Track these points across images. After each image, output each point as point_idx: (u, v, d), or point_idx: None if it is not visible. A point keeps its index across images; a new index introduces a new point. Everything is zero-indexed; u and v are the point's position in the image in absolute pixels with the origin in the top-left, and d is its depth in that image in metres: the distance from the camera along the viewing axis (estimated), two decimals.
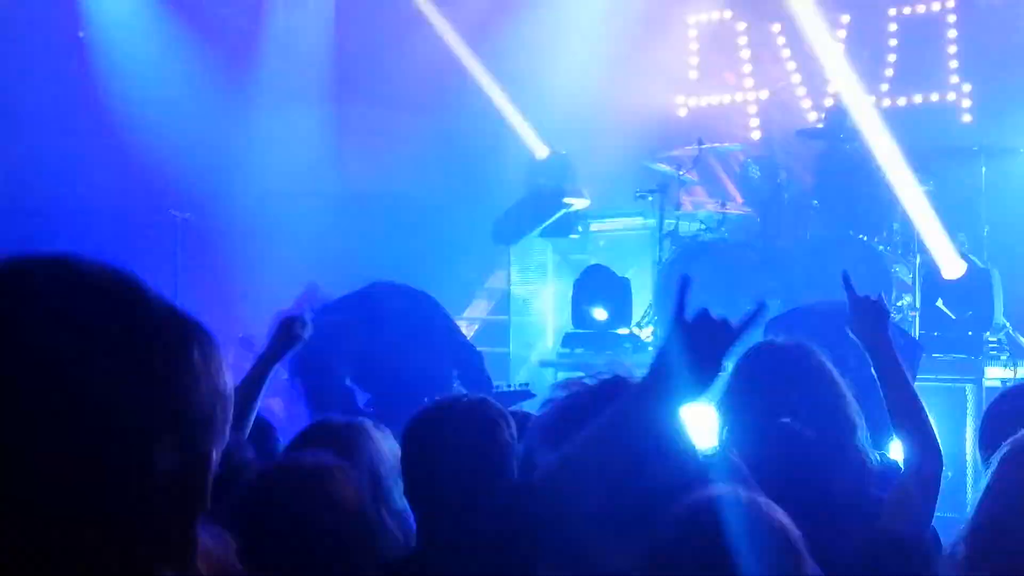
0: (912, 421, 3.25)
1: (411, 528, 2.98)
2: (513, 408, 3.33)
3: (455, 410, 2.89)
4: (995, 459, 2.55)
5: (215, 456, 1.08)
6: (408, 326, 5.90)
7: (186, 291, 7.99)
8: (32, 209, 9.68)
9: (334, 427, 3.31)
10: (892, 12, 10.34)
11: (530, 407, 4.46)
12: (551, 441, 2.57)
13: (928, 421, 3.27)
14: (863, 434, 3.39)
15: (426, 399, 3.12)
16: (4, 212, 9.46)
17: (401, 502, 3.00)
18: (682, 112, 11.46)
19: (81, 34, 10.82)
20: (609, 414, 2.41)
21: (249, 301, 9.38)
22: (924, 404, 3.32)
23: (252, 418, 3.92)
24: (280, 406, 7.36)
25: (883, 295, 3.47)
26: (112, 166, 10.39)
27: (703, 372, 2.32)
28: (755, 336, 3.47)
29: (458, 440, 2.79)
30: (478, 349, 7.17)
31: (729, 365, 3.28)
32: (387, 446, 3.22)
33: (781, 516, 2.30)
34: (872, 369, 3.34)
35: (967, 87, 10.05)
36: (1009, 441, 2.54)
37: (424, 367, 5.55)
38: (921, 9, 10.19)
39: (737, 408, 3.38)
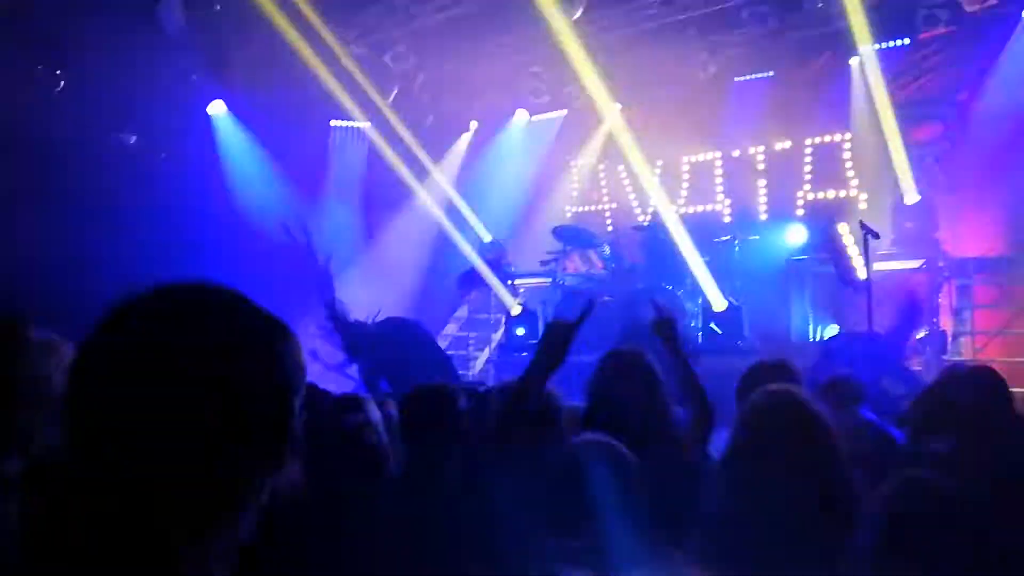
0: (692, 389, 3.06)
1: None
2: (470, 391, 3.15)
3: (432, 390, 2.81)
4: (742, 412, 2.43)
5: (297, 404, 1.01)
6: (413, 344, 5.74)
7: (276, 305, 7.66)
8: (190, 256, 8.89)
9: (364, 400, 2.99)
10: (685, 159, 10.46)
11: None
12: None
13: (701, 389, 3.06)
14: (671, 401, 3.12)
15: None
16: (168, 257, 8.53)
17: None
18: (568, 215, 11.44)
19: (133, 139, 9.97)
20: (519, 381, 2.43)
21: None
22: (699, 379, 3.13)
23: None
24: (332, 388, 7.24)
25: (673, 315, 3.27)
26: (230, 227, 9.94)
27: (558, 346, 2.32)
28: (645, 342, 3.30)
29: (432, 407, 2.71)
30: (450, 354, 7.29)
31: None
32: (393, 412, 3.07)
33: (627, 452, 2.24)
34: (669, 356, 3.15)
35: (728, 201, 10.21)
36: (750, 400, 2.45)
37: (421, 369, 5.24)
38: (702, 158, 10.37)
39: (597, 382, 3.10)
